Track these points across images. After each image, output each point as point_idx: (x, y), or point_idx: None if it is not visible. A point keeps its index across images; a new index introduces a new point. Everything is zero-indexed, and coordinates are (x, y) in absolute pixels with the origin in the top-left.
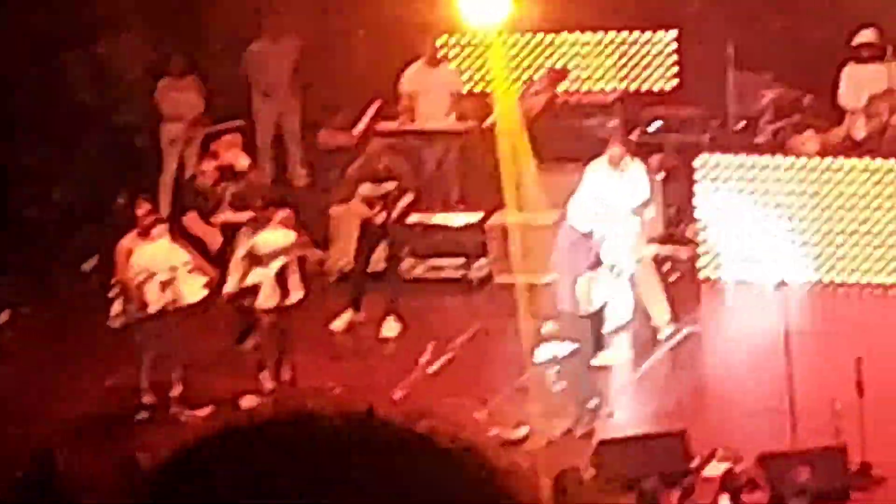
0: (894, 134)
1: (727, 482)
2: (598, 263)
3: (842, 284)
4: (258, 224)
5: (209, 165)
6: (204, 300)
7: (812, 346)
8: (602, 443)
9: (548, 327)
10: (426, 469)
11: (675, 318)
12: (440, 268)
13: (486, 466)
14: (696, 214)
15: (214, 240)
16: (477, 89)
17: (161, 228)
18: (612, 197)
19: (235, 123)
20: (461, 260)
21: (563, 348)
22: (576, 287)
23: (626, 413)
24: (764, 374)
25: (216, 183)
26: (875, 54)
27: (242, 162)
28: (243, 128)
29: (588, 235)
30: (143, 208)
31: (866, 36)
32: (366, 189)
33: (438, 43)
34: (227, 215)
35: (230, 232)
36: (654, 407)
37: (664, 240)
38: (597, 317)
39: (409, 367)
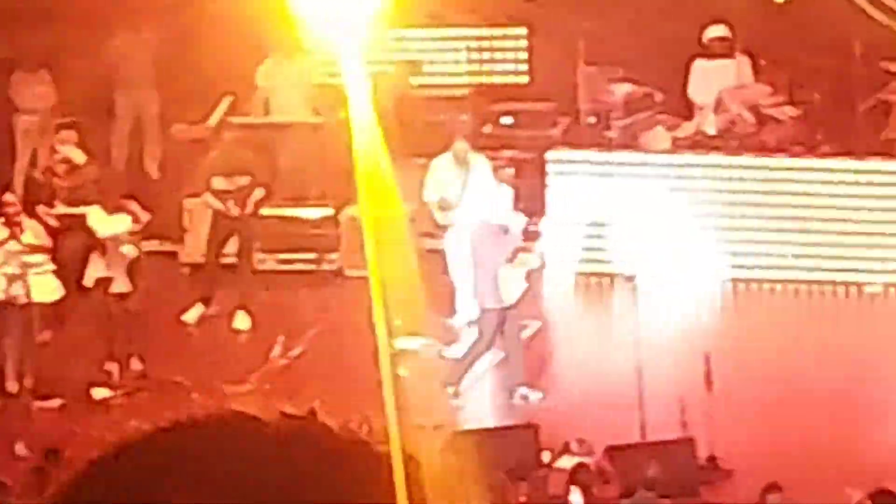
0: (744, 129)
1: (577, 475)
2: (514, 256)
3: (694, 278)
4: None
5: (53, 160)
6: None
7: (662, 341)
8: (454, 435)
9: (398, 322)
10: (363, 471)
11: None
12: (292, 261)
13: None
14: (548, 208)
15: (53, 231)
16: (332, 83)
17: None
18: (456, 192)
19: (69, 119)
20: (313, 254)
21: (414, 343)
22: (498, 281)
23: (479, 405)
24: (614, 367)
25: (57, 176)
26: (724, 50)
27: (78, 157)
28: (79, 123)
29: (504, 229)
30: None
31: (716, 31)
32: (219, 182)
33: (295, 37)
34: (63, 209)
35: (67, 224)
36: (506, 399)
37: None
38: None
39: (259, 359)
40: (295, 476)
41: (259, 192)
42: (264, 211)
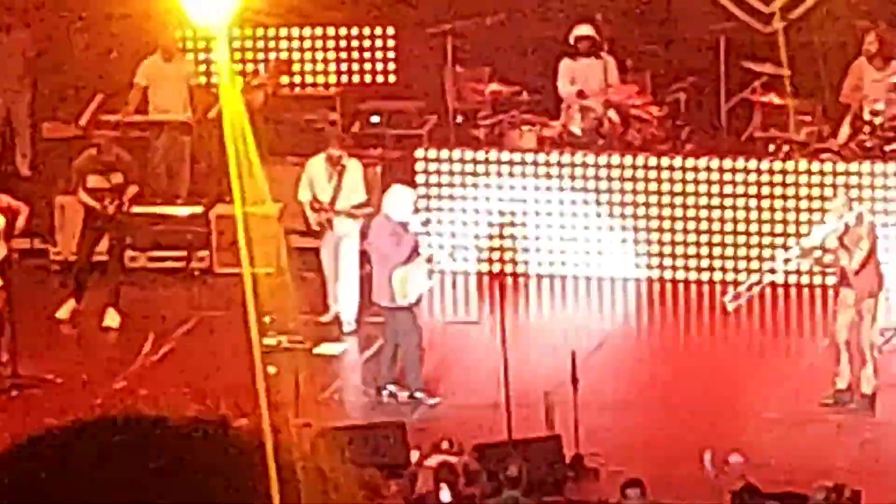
0: (610, 128)
1: (442, 473)
2: (414, 255)
3: (561, 277)
4: None
5: None
6: None
7: (528, 339)
8: (324, 431)
9: (267, 320)
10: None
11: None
12: (162, 259)
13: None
14: (417, 206)
15: None
16: (206, 81)
17: None
18: (328, 193)
19: None
20: (183, 252)
21: (284, 340)
22: (392, 279)
23: (351, 401)
24: (482, 365)
25: None
26: (591, 49)
27: None
28: None
29: (405, 226)
30: None
31: (582, 31)
32: (92, 180)
33: (174, 36)
34: None
35: None
36: (371, 397)
37: None
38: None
39: (130, 357)
40: (168, 472)
41: (132, 190)
42: (136, 209)
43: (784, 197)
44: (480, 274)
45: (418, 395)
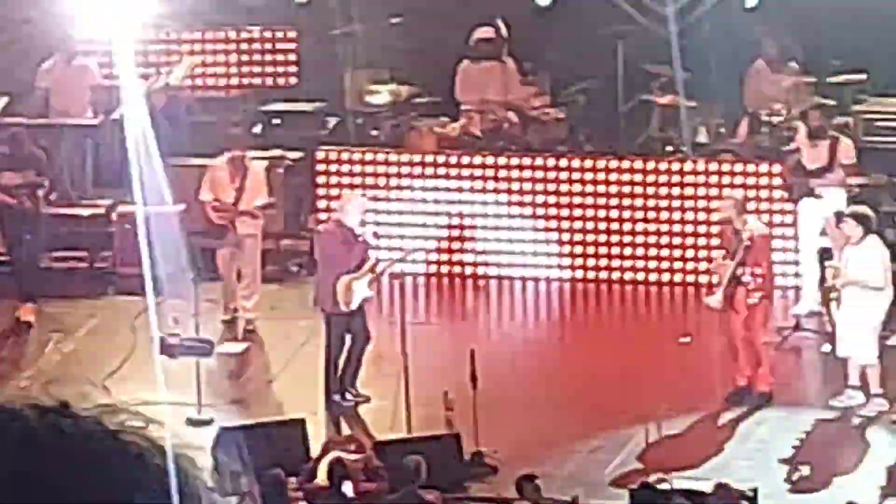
0: (510, 130)
1: (341, 470)
2: (363, 263)
3: (459, 276)
4: None
5: None
6: None
7: (429, 338)
8: (223, 430)
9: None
10: (117, 464)
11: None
12: (66, 259)
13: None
14: (318, 206)
15: None
16: (108, 84)
17: None
18: (232, 196)
19: None
20: (85, 252)
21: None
22: (336, 286)
23: (245, 402)
24: (382, 363)
25: None
26: (491, 52)
27: None
28: None
29: (355, 233)
30: None
31: (483, 33)
32: (10, 178)
33: (78, 38)
34: None
35: None
36: (270, 397)
37: (283, 234)
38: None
39: (35, 355)
40: (61, 471)
41: (40, 191)
42: (42, 209)
43: (682, 197)
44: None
45: (349, 396)
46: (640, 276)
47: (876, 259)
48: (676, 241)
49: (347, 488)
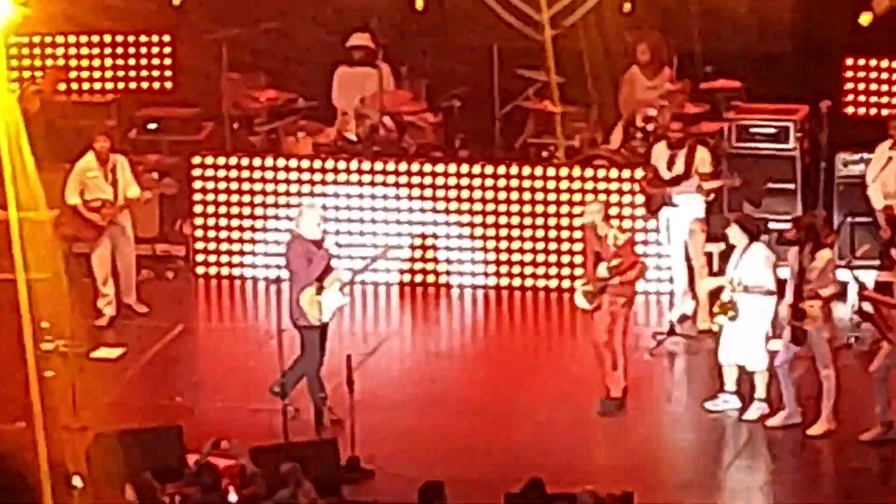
0: (385, 135)
1: (205, 475)
2: (326, 274)
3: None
4: None
5: None
6: None
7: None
8: (98, 436)
9: (45, 324)
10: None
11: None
12: None
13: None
14: (194, 212)
15: None
16: None
17: None
18: (110, 191)
19: None
20: None
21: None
22: (300, 299)
23: (124, 407)
24: (260, 369)
25: None
26: (367, 57)
27: None
28: None
29: (318, 244)
30: None
31: (358, 39)
32: None
33: None
34: None
35: None
36: (148, 402)
37: (158, 239)
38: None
39: None
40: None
41: None
42: None
43: (557, 203)
44: (255, 280)
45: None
46: (517, 281)
47: (764, 265)
48: (552, 246)
49: (232, 496)
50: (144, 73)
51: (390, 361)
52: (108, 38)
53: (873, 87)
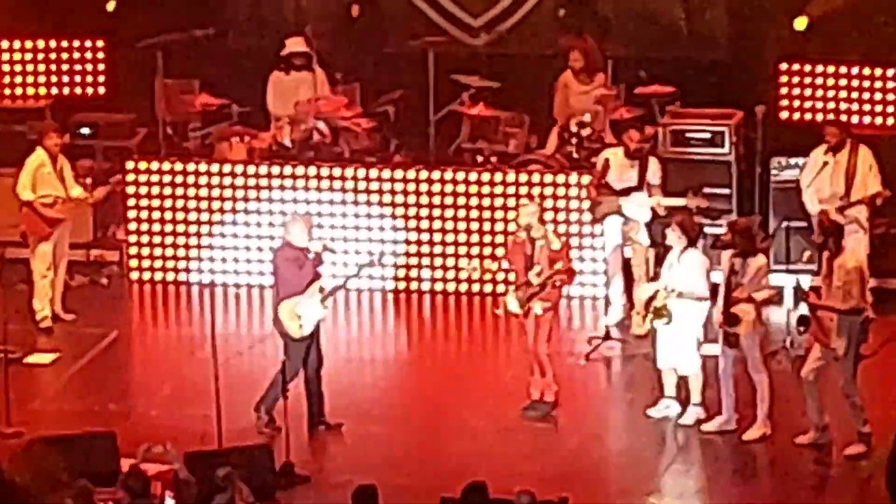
0: (320, 140)
1: (133, 481)
2: (313, 282)
3: (270, 287)
4: None
5: None
6: None
7: (239, 348)
8: (31, 442)
9: None
10: None
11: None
12: None
13: None
14: (128, 217)
15: None
16: None
17: None
18: (61, 187)
19: None
20: None
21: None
22: (280, 311)
23: (58, 412)
24: (194, 374)
25: None
26: (302, 62)
27: None
28: None
29: (306, 252)
30: None
31: (295, 45)
32: None
33: None
34: None
35: None
36: (82, 408)
37: (92, 244)
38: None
39: None
40: None
41: None
42: None
43: (492, 208)
44: (189, 285)
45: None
46: (451, 286)
47: (699, 270)
48: (486, 251)
49: (169, 501)
50: (78, 78)
51: (326, 368)
52: (41, 44)
53: (808, 92)
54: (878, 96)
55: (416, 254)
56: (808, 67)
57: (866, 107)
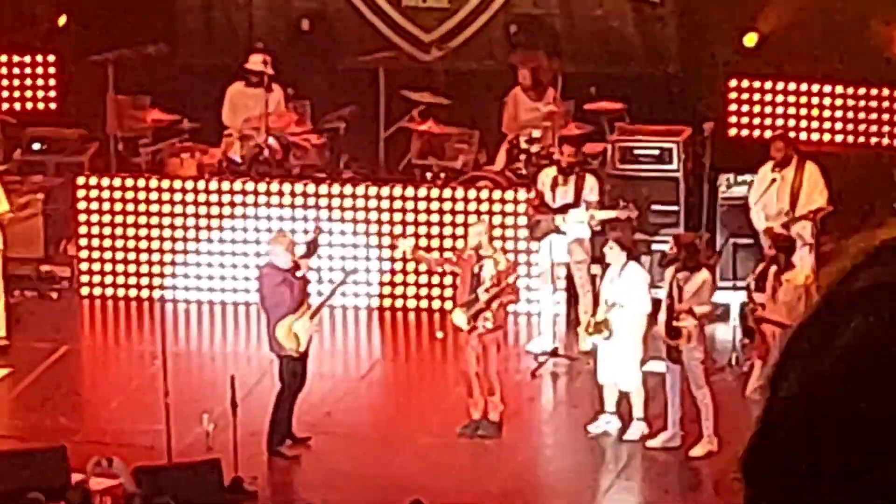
0: (270, 156)
1: (76, 496)
2: (303, 301)
3: (222, 303)
4: None
5: None
6: None
7: (189, 364)
8: None
9: None
10: None
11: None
12: None
13: None
14: (79, 232)
15: None
16: None
17: None
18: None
19: None
20: None
21: None
22: (276, 333)
23: (8, 427)
24: (144, 389)
25: None
26: (257, 81)
27: None
28: None
29: (292, 271)
30: None
31: (252, 62)
32: None
33: None
34: None
35: None
36: (32, 422)
37: (43, 260)
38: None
39: None
40: None
41: None
42: None
43: (440, 224)
44: (140, 300)
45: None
46: (399, 302)
47: (639, 284)
48: (438, 268)
49: None
50: (29, 93)
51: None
52: None
53: (756, 108)
54: (826, 113)
55: (366, 270)
56: (757, 84)
57: (814, 123)
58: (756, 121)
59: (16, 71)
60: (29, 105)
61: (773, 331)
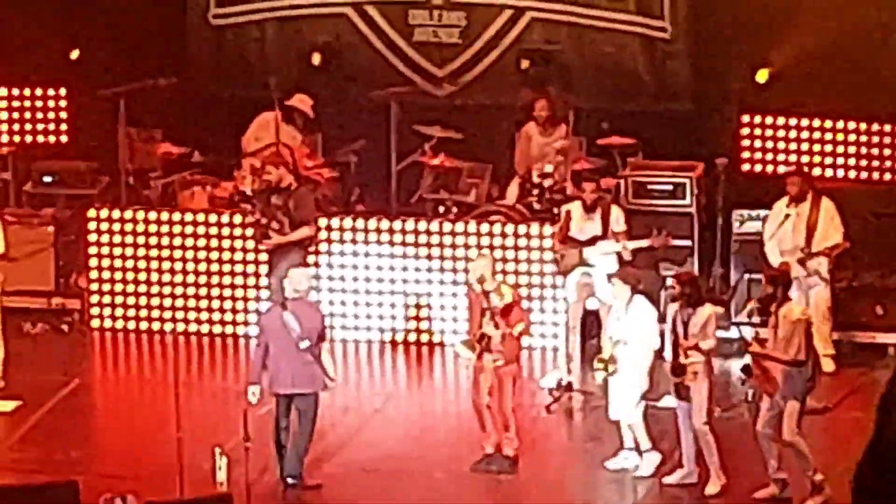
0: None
1: None
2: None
3: (221, 335)
4: None
5: None
6: None
7: (202, 398)
8: None
9: None
10: None
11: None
12: None
13: None
14: (89, 265)
15: None
16: None
17: None
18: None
19: None
20: None
21: None
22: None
23: (19, 461)
24: (156, 423)
25: None
26: (302, 121)
27: None
28: None
29: (317, 303)
30: None
31: (298, 101)
32: None
33: None
34: None
35: None
36: (43, 456)
37: (54, 292)
38: None
39: None
40: None
41: None
42: None
43: (454, 258)
44: (151, 333)
45: (290, 480)
46: (412, 336)
47: (646, 319)
48: (448, 301)
49: None
50: (40, 126)
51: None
52: (3, 91)
53: (769, 144)
54: (840, 149)
55: (378, 304)
56: (769, 119)
57: (828, 159)
58: (769, 156)
59: (27, 104)
60: (40, 138)
61: (776, 365)
